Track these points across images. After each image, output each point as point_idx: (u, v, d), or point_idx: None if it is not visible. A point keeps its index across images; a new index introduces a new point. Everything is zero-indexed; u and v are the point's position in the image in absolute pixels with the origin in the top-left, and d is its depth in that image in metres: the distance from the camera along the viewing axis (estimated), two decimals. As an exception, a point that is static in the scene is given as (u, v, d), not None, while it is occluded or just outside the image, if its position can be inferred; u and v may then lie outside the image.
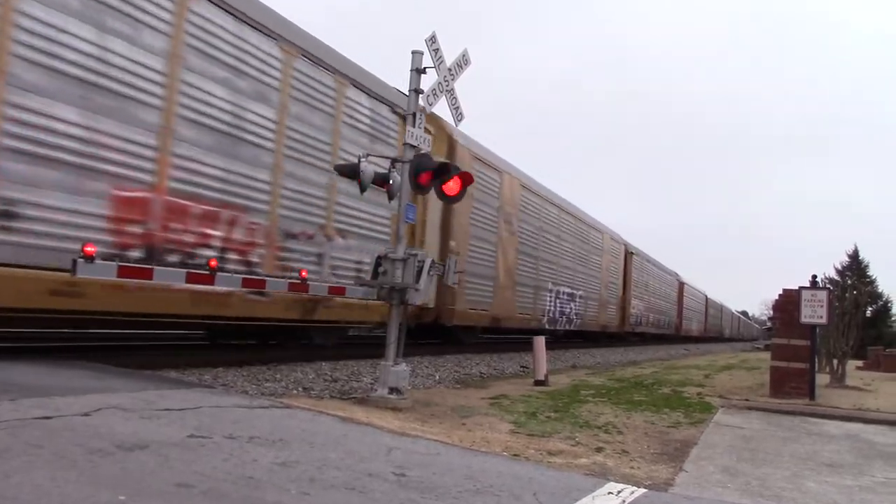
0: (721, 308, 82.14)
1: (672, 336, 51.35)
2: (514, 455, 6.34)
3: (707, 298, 68.89)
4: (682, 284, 54.26)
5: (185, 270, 9.25)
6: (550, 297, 25.24)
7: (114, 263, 8.18)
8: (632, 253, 38.34)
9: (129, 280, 8.36)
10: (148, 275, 8.61)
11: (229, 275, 9.97)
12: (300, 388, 9.57)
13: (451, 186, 9.51)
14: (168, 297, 9.20)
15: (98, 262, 7.93)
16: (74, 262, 7.73)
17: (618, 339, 37.80)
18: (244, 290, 10.25)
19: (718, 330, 78.24)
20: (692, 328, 59.57)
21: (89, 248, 7.86)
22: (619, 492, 5.04)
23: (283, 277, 11.15)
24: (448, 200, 10.02)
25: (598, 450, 7.08)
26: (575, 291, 28.17)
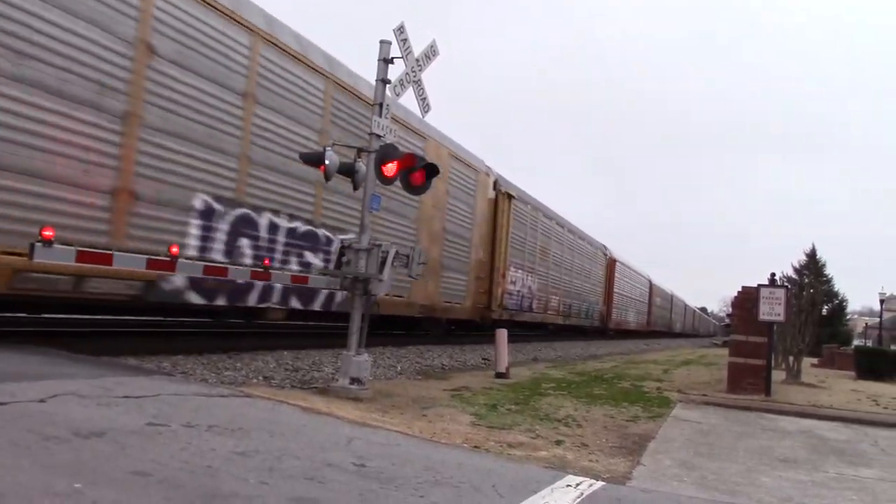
0: (671, 298, 70.86)
1: (595, 329, 39.40)
2: (475, 447, 6.37)
3: (651, 284, 57.00)
4: (613, 261, 42.16)
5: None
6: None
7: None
8: (509, 195, 23.90)
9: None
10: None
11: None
12: (260, 377, 9.52)
13: (417, 177, 9.51)
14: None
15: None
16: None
17: (573, 335, 35.09)
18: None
19: (667, 323, 68.04)
20: (628, 320, 47.68)
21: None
22: (577, 484, 5.08)
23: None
24: (413, 191, 10.01)
25: (558, 443, 7.12)
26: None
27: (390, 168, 9.19)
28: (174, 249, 9.62)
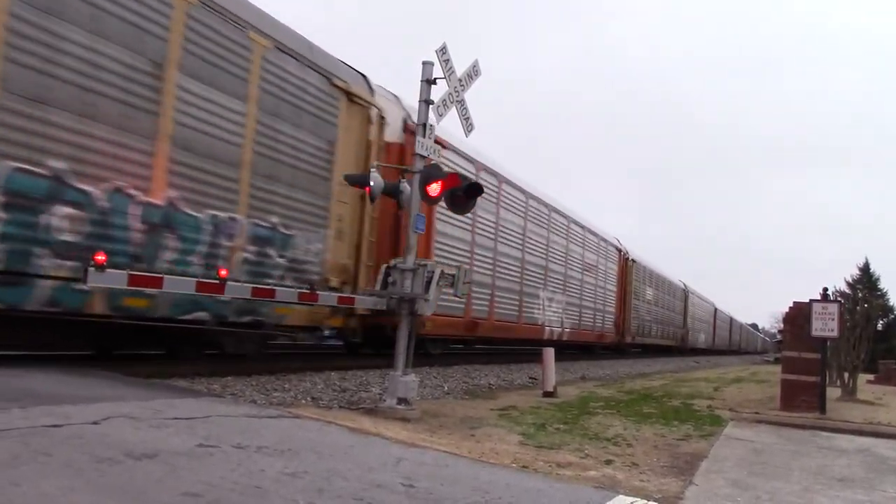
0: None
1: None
2: (523, 467, 6.32)
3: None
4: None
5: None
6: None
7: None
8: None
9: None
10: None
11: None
12: (308, 398, 9.57)
13: (461, 197, 9.54)
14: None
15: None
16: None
17: (621, 352, 37.00)
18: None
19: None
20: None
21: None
22: (628, 504, 5.02)
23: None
24: (458, 211, 10.04)
25: (608, 462, 7.04)
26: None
27: (434, 188, 9.23)
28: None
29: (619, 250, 34.52)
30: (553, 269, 24.79)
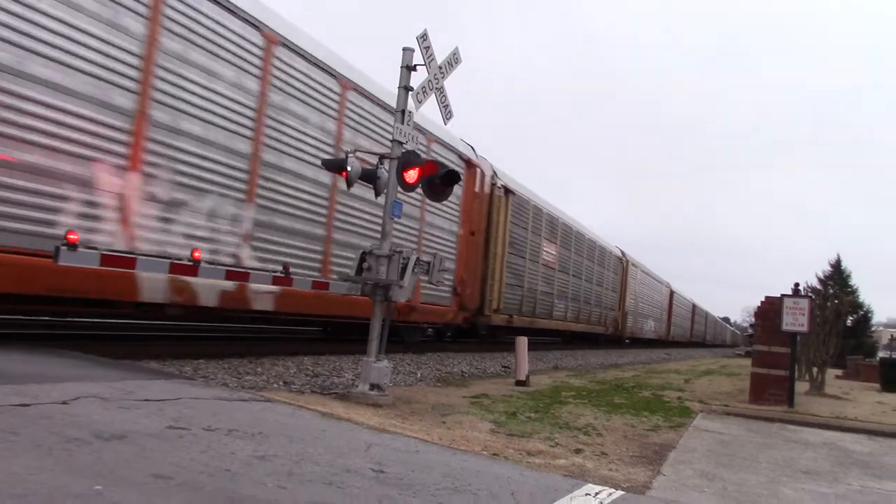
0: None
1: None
2: (494, 454, 6.34)
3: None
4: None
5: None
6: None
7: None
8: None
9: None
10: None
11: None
12: (281, 382, 9.54)
13: (438, 184, 9.52)
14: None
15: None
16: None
17: (602, 343, 37.00)
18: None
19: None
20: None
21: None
22: (596, 493, 5.05)
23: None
24: (434, 198, 10.03)
25: (578, 451, 7.09)
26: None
27: (411, 175, 9.21)
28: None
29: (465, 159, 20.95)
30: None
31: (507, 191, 22.23)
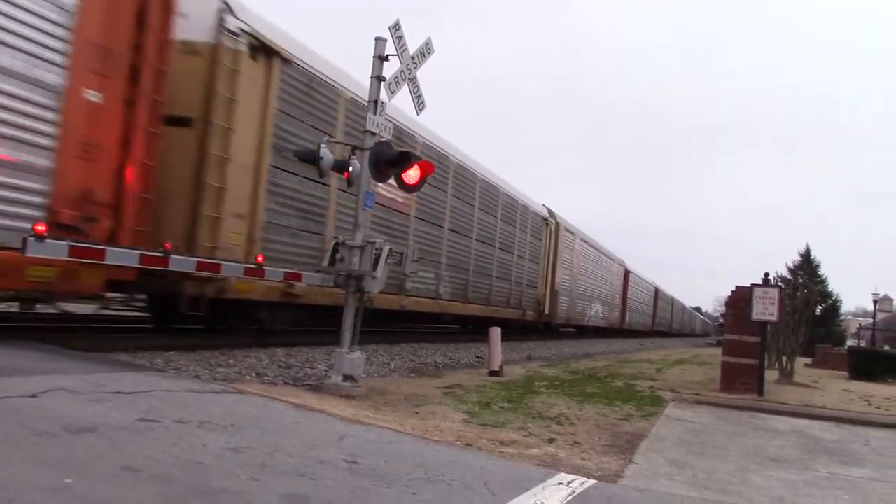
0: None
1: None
2: (467, 445, 6.37)
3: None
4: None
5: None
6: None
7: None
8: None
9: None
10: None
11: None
12: (253, 374, 9.50)
13: (411, 175, 9.51)
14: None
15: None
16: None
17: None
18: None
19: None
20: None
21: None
22: (569, 482, 5.09)
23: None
24: (408, 190, 10.01)
25: (550, 441, 7.13)
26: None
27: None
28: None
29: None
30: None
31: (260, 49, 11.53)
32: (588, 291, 37.04)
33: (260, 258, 10.10)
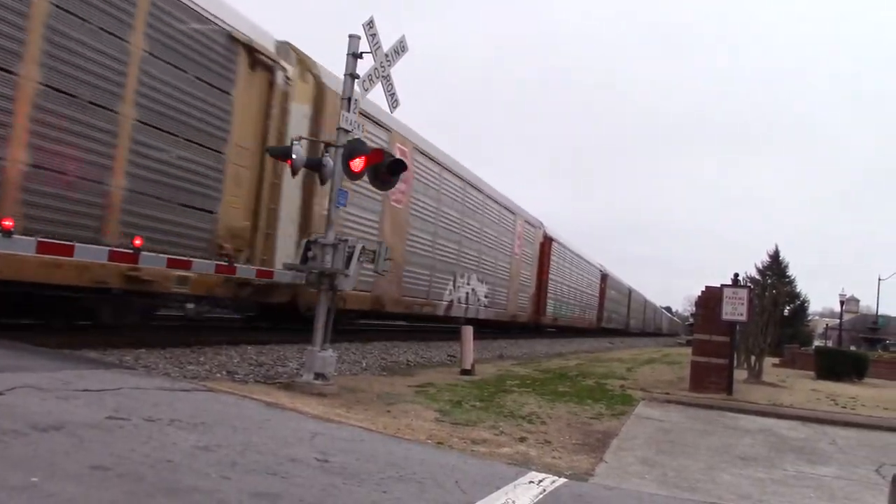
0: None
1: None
2: (439, 443, 6.37)
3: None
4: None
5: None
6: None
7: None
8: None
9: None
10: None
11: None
12: (224, 372, 9.44)
13: (384, 173, 9.50)
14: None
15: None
16: None
17: (539, 332, 34.27)
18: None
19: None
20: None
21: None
22: (540, 481, 5.11)
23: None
24: (381, 187, 10.00)
25: (522, 439, 7.15)
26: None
27: (357, 164, 9.16)
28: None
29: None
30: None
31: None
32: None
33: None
